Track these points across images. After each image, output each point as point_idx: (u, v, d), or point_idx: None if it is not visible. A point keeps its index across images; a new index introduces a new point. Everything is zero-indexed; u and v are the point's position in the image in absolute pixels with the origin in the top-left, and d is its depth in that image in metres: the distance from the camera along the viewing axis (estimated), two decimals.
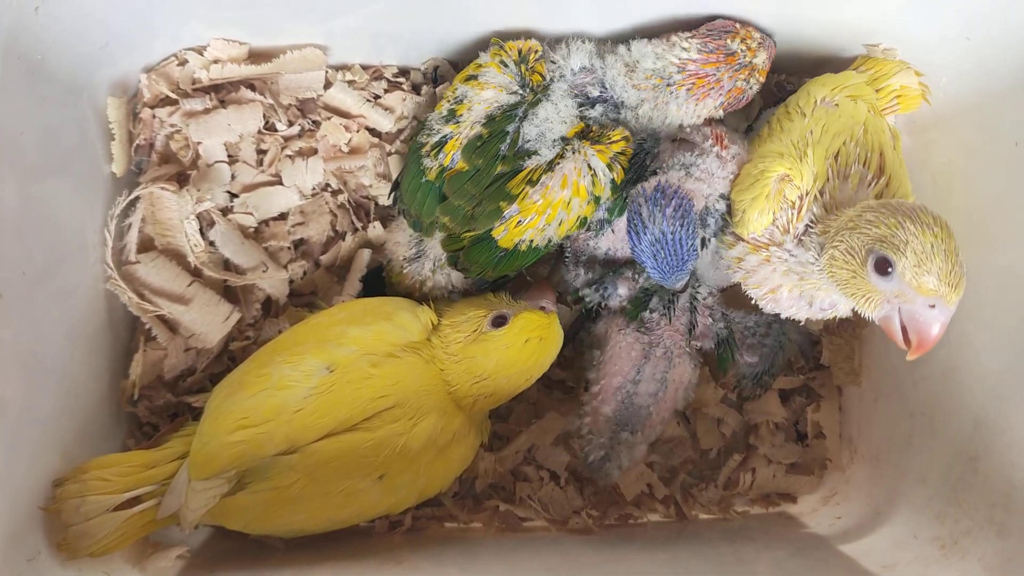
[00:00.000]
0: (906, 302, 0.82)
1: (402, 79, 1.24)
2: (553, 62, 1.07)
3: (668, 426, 1.24)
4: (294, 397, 0.96)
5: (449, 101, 1.06)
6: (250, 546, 1.10)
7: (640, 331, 1.12)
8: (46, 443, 0.97)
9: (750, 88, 1.07)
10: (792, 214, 0.95)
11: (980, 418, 1.00)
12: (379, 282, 1.19)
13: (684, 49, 1.04)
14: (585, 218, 1.05)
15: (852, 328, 1.27)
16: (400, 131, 1.23)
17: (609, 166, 1.02)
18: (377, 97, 1.23)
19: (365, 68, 1.22)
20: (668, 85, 1.05)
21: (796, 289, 0.97)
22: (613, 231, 1.11)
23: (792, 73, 1.23)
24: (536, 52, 1.06)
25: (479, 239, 1.05)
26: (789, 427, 1.29)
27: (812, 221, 0.95)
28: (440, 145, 1.04)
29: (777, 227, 0.97)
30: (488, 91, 1.03)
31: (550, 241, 1.06)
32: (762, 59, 1.05)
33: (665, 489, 1.25)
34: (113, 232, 1.09)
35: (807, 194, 0.95)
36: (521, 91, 1.04)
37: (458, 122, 1.03)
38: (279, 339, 1.06)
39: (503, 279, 1.14)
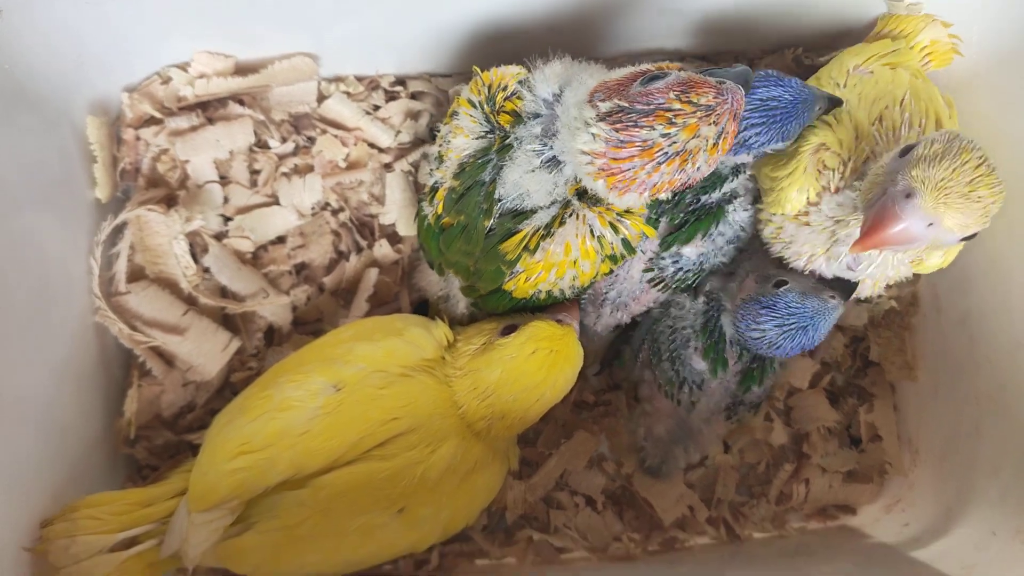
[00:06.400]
0: (892, 184, 0.75)
1: (399, 88, 1.19)
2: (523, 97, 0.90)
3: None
4: (298, 419, 0.89)
5: (440, 140, 0.97)
6: None
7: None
8: (33, 488, 0.90)
9: (695, 171, 0.79)
10: (833, 175, 0.89)
11: None
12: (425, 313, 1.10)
13: (593, 136, 0.79)
14: (605, 272, 0.96)
15: (900, 318, 1.18)
16: (401, 146, 1.17)
17: (614, 227, 0.90)
18: (377, 108, 1.17)
19: (360, 79, 1.17)
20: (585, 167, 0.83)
21: (831, 249, 0.91)
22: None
23: (809, 48, 1.17)
24: (506, 88, 0.91)
25: (493, 290, 0.97)
26: (842, 432, 1.20)
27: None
28: (433, 192, 0.96)
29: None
30: (459, 138, 0.92)
31: (572, 289, 0.97)
32: (711, 132, 0.76)
33: (707, 510, 1.16)
34: (99, 261, 1.03)
35: (850, 159, 0.89)
36: (488, 135, 0.91)
37: (445, 167, 0.94)
38: (283, 361, 0.99)
39: None
